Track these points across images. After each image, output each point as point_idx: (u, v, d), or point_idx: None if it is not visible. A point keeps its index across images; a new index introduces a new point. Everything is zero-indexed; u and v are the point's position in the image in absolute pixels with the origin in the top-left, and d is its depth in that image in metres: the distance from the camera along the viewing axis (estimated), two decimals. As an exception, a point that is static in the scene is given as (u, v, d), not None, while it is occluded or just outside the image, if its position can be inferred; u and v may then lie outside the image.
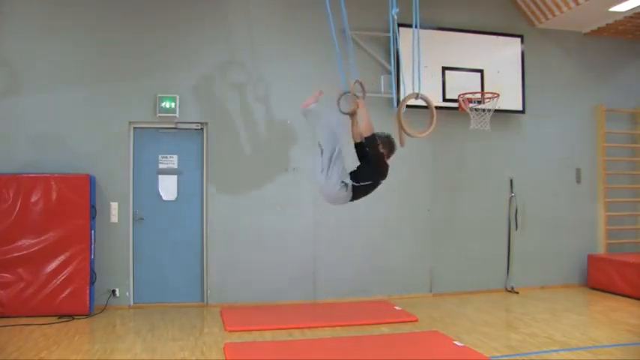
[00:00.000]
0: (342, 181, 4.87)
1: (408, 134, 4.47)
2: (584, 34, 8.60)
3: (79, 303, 6.35)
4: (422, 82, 4.45)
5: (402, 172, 7.70)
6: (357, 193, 4.99)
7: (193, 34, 7.23)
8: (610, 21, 8.06)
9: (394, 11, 4.74)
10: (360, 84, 5.27)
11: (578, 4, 7.54)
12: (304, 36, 7.45)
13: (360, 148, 5.13)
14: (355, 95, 5.15)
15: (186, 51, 7.20)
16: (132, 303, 6.98)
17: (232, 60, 7.30)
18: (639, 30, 8.34)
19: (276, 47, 7.46)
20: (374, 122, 4.88)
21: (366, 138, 4.90)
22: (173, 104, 7.05)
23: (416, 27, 4.31)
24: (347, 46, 5.27)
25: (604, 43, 8.70)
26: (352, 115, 5.18)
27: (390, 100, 7.49)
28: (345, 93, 5.27)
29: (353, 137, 5.20)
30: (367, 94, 5.33)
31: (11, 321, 5.97)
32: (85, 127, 6.88)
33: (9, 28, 6.77)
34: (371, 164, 4.98)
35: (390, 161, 5.03)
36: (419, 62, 4.36)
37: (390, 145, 5.00)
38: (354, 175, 4.98)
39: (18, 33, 6.78)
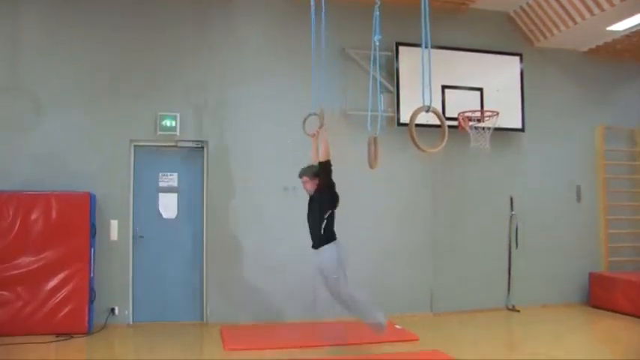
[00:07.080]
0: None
1: (421, 149, 4.34)
2: (583, 53, 8.66)
3: (78, 321, 6.29)
4: (424, 100, 4.40)
5: (403, 190, 7.71)
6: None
7: (194, 52, 7.27)
8: (608, 40, 8.13)
9: (376, 37, 4.81)
10: (322, 110, 5.61)
11: (576, 23, 7.60)
12: (305, 54, 7.44)
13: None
14: (321, 117, 5.54)
15: (187, 69, 7.24)
16: (131, 321, 6.93)
17: (232, 79, 7.34)
18: (636, 48, 8.40)
19: (274, 67, 7.48)
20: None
21: (320, 162, 5.02)
22: (174, 122, 7.07)
23: (425, 47, 4.31)
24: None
25: (602, 62, 8.75)
26: (313, 137, 5.64)
27: (391, 118, 7.55)
28: (310, 115, 5.68)
29: (312, 158, 5.57)
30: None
31: (9, 340, 5.89)
32: (86, 144, 6.90)
33: (10, 49, 6.82)
34: (323, 193, 5.26)
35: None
36: (430, 78, 4.34)
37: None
38: (314, 209, 5.38)
39: (19, 54, 6.82)
